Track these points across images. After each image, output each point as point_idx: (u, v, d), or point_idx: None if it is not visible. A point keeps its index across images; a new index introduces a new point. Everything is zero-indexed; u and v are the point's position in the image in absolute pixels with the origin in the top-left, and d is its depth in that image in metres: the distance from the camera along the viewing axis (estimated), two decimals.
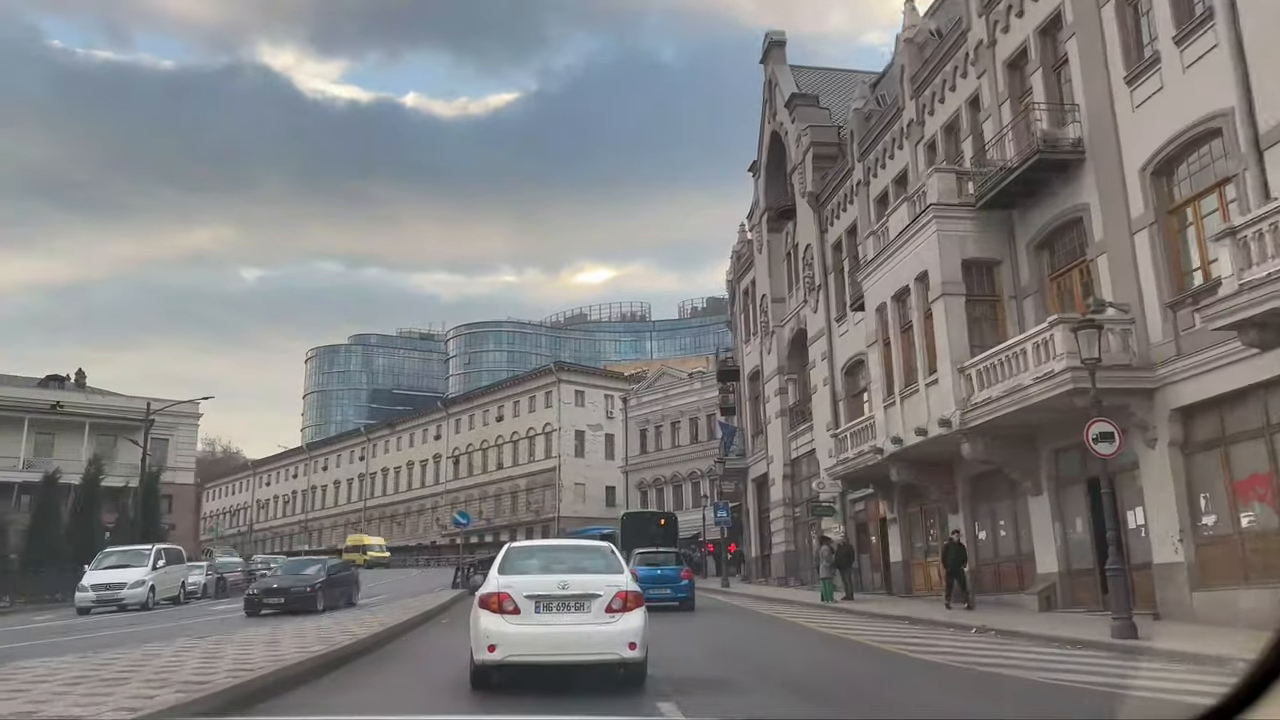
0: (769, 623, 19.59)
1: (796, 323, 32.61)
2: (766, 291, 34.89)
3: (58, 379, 66.48)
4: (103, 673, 8.93)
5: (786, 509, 33.05)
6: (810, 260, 30.50)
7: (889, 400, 21.61)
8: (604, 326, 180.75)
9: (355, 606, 22.74)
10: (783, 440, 33.29)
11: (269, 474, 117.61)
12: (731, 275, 43.38)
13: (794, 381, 33.50)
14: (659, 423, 70.13)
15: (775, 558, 33.69)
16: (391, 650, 12.95)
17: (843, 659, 13.21)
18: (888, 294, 21.52)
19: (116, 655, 10.78)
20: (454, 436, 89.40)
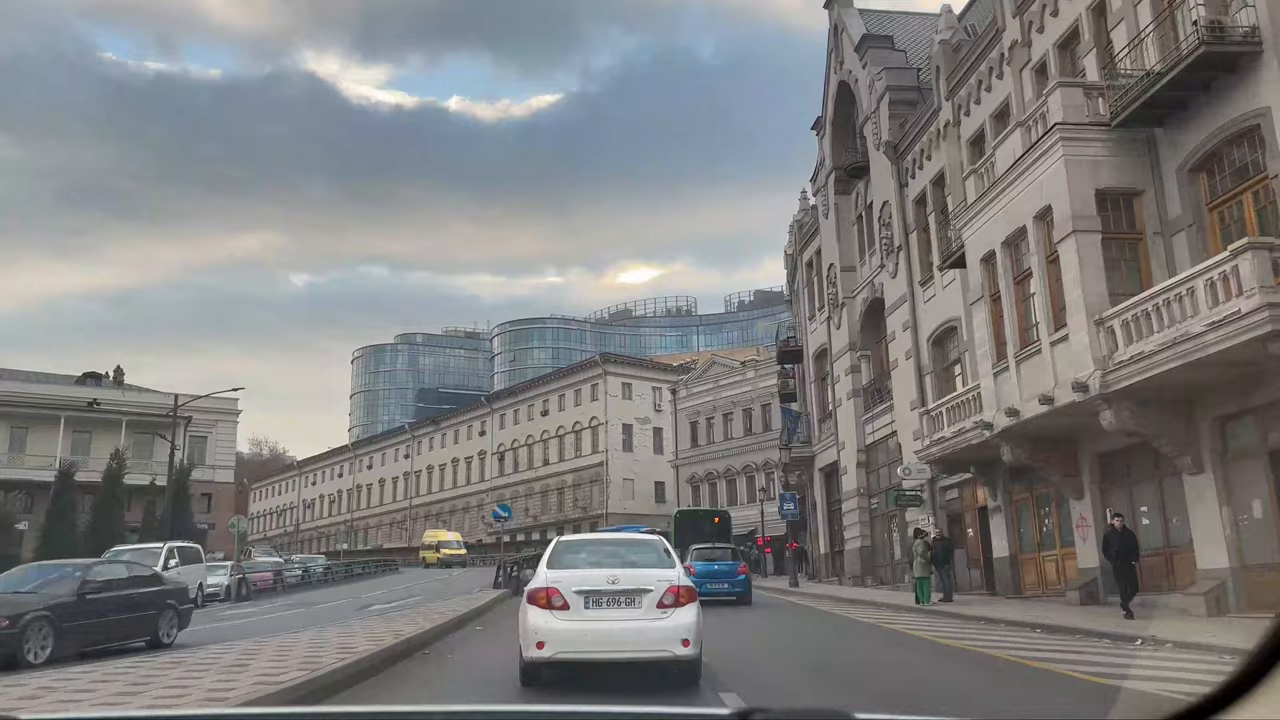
0: (865, 630, 16.38)
1: (871, 292, 29.25)
2: (834, 260, 31.57)
3: (95, 376, 65.18)
4: None
5: (861, 500, 29.72)
6: (888, 220, 27.16)
7: (999, 366, 18.25)
8: (649, 322, 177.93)
9: (168, 647, 13.49)
10: (856, 424, 29.97)
11: (314, 473, 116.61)
12: (791, 248, 40.05)
13: (867, 358, 30.15)
14: (710, 414, 66.92)
15: (848, 554, 30.37)
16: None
17: (971, 676, 10.04)
18: (997, 239, 18.17)
19: None
20: (498, 432, 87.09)
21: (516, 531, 79.91)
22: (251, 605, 26.06)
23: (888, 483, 28.41)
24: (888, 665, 11.48)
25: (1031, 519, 20.60)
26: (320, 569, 38.24)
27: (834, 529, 33.79)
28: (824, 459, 34.05)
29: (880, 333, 29.78)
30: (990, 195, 18.24)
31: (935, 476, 24.31)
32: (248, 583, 29.13)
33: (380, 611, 19.84)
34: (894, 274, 26.91)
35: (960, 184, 22.82)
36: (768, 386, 63.34)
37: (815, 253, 34.52)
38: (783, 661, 11.63)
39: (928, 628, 15.77)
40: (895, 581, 27.36)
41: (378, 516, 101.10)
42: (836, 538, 33.64)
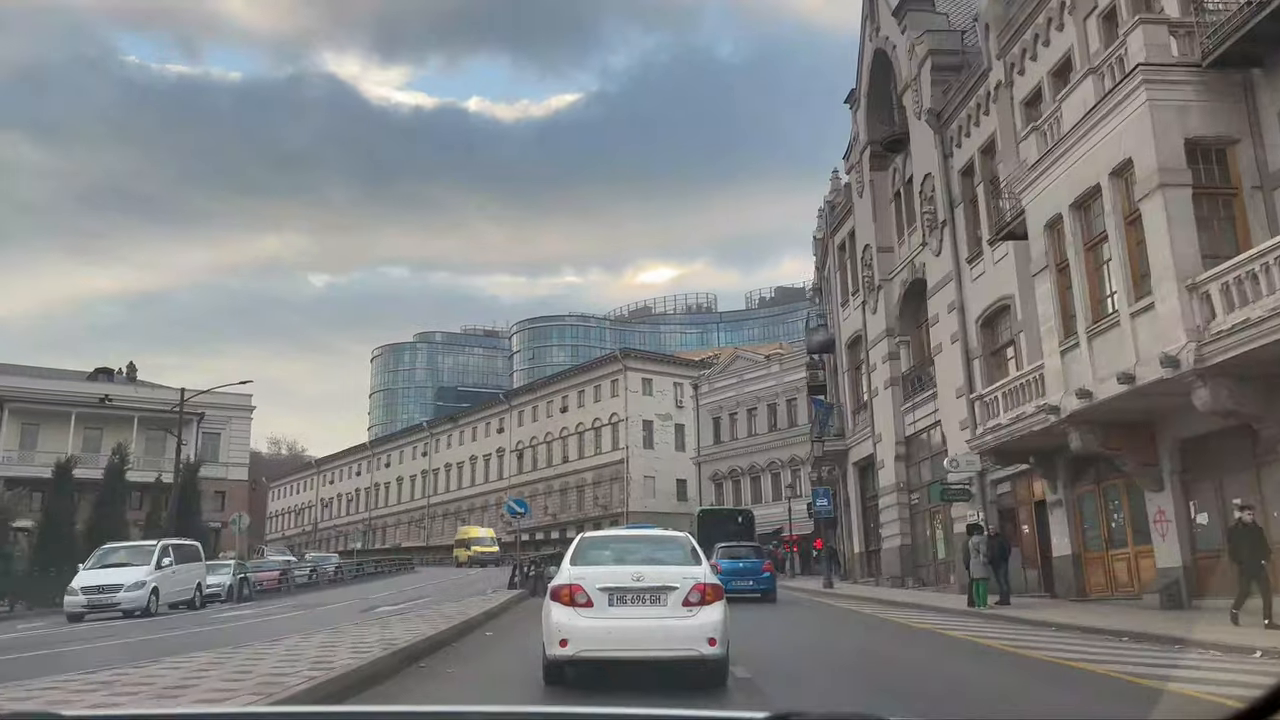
0: (927, 639, 14.55)
1: (910, 273, 27.37)
2: (870, 241, 29.69)
3: (106, 372, 64.10)
4: None
5: (900, 495, 27.84)
6: (930, 194, 25.27)
7: (1068, 343, 16.36)
8: (668, 319, 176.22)
9: None
10: (894, 414, 28.08)
11: (333, 472, 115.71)
12: (821, 230, 38.17)
13: (906, 344, 28.26)
14: (733, 410, 65.08)
15: (886, 553, 28.49)
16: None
17: (1092, 700, 8.23)
18: (1064, 202, 16.27)
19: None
20: (517, 429, 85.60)
21: (535, 530, 78.42)
22: (251, 607, 24.53)
23: (930, 476, 26.53)
24: (972, 681, 9.70)
25: (1098, 514, 18.68)
26: (331, 568, 36.68)
27: (869, 527, 31.90)
28: (858, 453, 32.17)
29: (920, 316, 27.89)
30: (1056, 153, 16.35)
31: (985, 469, 22.42)
32: (249, 583, 27.55)
33: (384, 614, 18.21)
34: (937, 252, 25.02)
35: (1014, 149, 20.96)
36: (793, 380, 61.41)
37: (848, 235, 32.63)
38: (847, 680, 9.85)
39: (996, 635, 13.92)
40: (939, 582, 25.48)
41: (395, 515, 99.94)
42: (872, 536, 31.75)
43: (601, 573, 8.38)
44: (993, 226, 22.17)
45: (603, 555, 9.07)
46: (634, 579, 8.26)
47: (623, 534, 12.78)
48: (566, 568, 8.67)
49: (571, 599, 8.11)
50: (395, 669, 9.06)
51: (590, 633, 7.97)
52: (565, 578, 8.39)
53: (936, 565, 26.04)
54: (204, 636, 14.26)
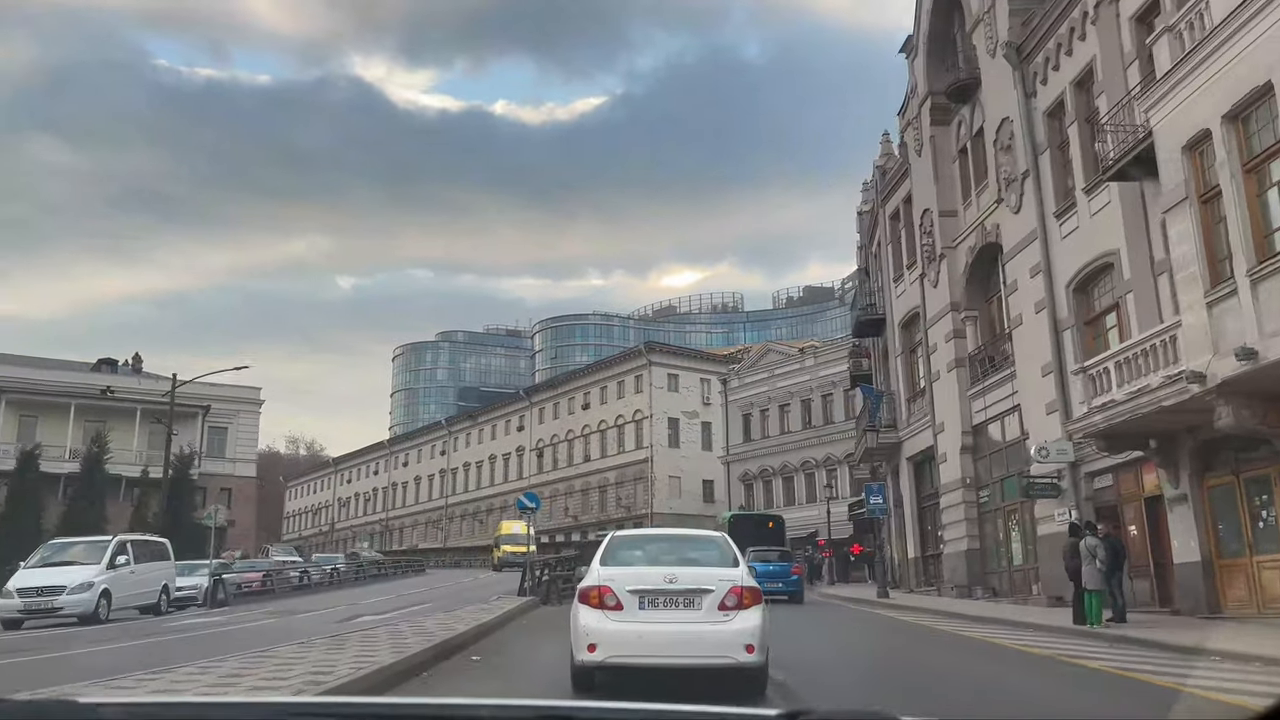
0: (1033, 665, 11.10)
1: (980, 237, 23.88)
2: (930, 205, 26.22)
3: (110, 363, 61.54)
4: None
5: (966, 492, 24.33)
6: (1007, 142, 21.80)
7: (1218, 291, 12.86)
8: (694, 318, 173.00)
9: None
10: (959, 401, 24.59)
11: (350, 471, 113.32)
12: (869, 202, 34.75)
13: (974, 320, 24.77)
14: (764, 406, 61.57)
15: (949, 559, 24.98)
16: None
17: None
18: (1214, 113, 12.79)
19: None
20: (537, 427, 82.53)
21: (556, 532, 75.37)
22: (224, 613, 21.45)
23: (1005, 470, 23.03)
24: None
25: (1237, 511, 15.11)
26: (327, 570, 33.59)
27: (925, 529, 28.39)
28: (913, 446, 28.65)
29: (991, 287, 24.41)
30: (1203, 53, 12.88)
31: (1079, 459, 18.92)
32: (226, 586, 24.41)
33: (364, 625, 15.02)
34: (1016, 208, 21.52)
35: (1120, 77, 17.49)
36: (829, 375, 57.84)
37: (903, 201, 29.15)
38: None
39: (1142, 665, 10.48)
40: (1015, 593, 21.95)
41: (412, 515, 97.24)
42: (929, 539, 28.24)
43: (632, 574, 8.02)
44: (1090, 172, 18.70)
45: (634, 555, 8.67)
46: (667, 581, 7.85)
47: (656, 533, 11.95)
48: (596, 568, 8.34)
49: (600, 601, 7.76)
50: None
51: (620, 637, 7.60)
52: (594, 579, 8.06)
53: (1011, 573, 22.51)
54: (93, 661, 11.08)
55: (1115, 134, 16.72)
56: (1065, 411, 19.34)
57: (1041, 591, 20.34)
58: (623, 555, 8.67)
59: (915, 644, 14.37)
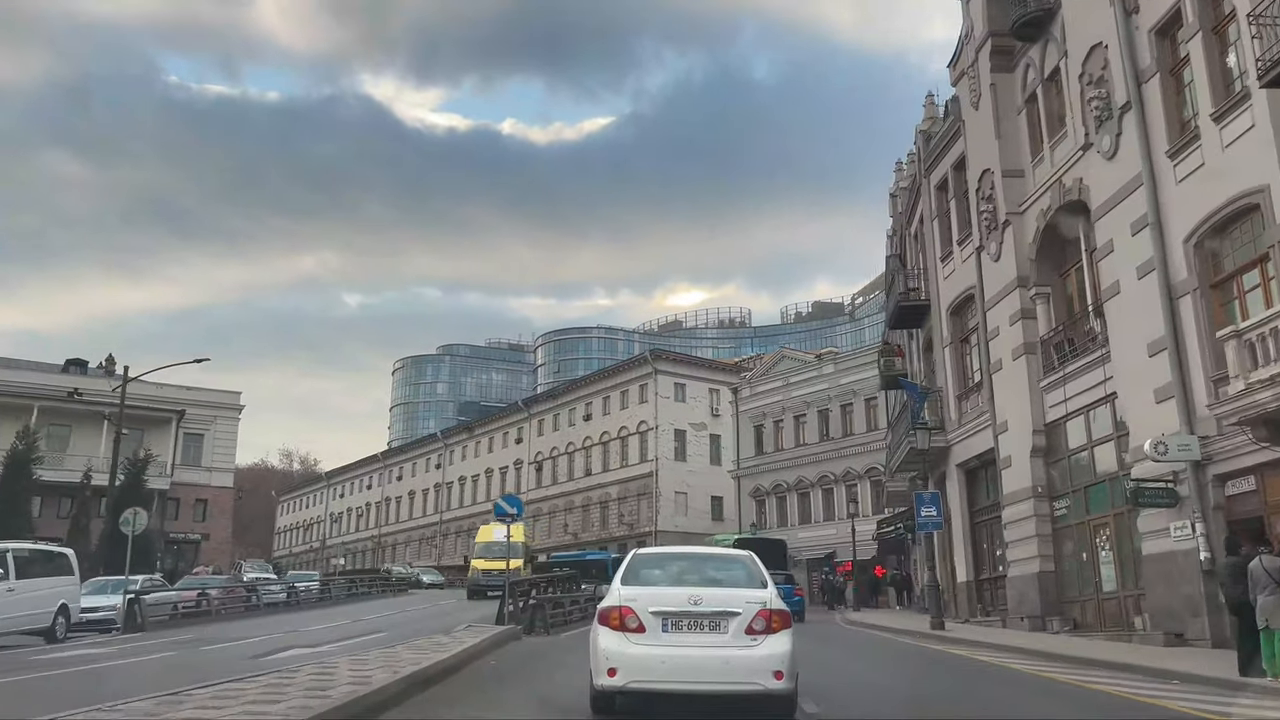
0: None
1: (1056, 196, 19.92)
2: (991, 165, 22.28)
3: (80, 364, 57.63)
4: None
5: (1038, 503, 20.24)
6: (1098, 75, 17.86)
7: None
8: (700, 333, 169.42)
9: None
10: (1029, 393, 20.56)
11: (343, 485, 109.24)
12: (907, 177, 30.90)
13: (1046, 297, 20.79)
14: (778, 417, 57.48)
15: (1015, 583, 20.83)
16: None
17: None
18: None
19: None
20: (536, 440, 78.46)
21: (554, 550, 71.12)
22: (132, 640, 17.38)
23: (1091, 474, 18.95)
24: None
25: None
26: (287, 590, 29.47)
27: (979, 548, 24.27)
28: (964, 450, 24.57)
29: (1069, 255, 20.43)
30: None
31: (1207, 457, 14.85)
32: (143, 607, 20.25)
33: (279, 663, 11.02)
34: (1110, 153, 17.56)
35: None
36: (849, 383, 53.74)
37: (952, 167, 25.21)
38: None
39: None
40: (1109, 626, 17.81)
41: (406, 532, 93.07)
42: (984, 560, 24.11)
43: (655, 594, 7.70)
44: (1220, 94, 14.77)
45: (657, 575, 8.32)
46: (691, 602, 7.50)
47: (679, 551, 11.09)
48: (617, 588, 7.96)
49: (621, 623, 7.47)
50: None
51: (642, 661, 7.29)
52: (615, 599, 7.72)
53: (1101, 601, 18.37)
54: None
55: (1273, 28, 12.79)
56: (1185, 398, 15.31)
57: (1149, 625, 16.23)
58: (645, 574, 8.27)
59: (1036, 704, 10.26)
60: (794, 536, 54.33)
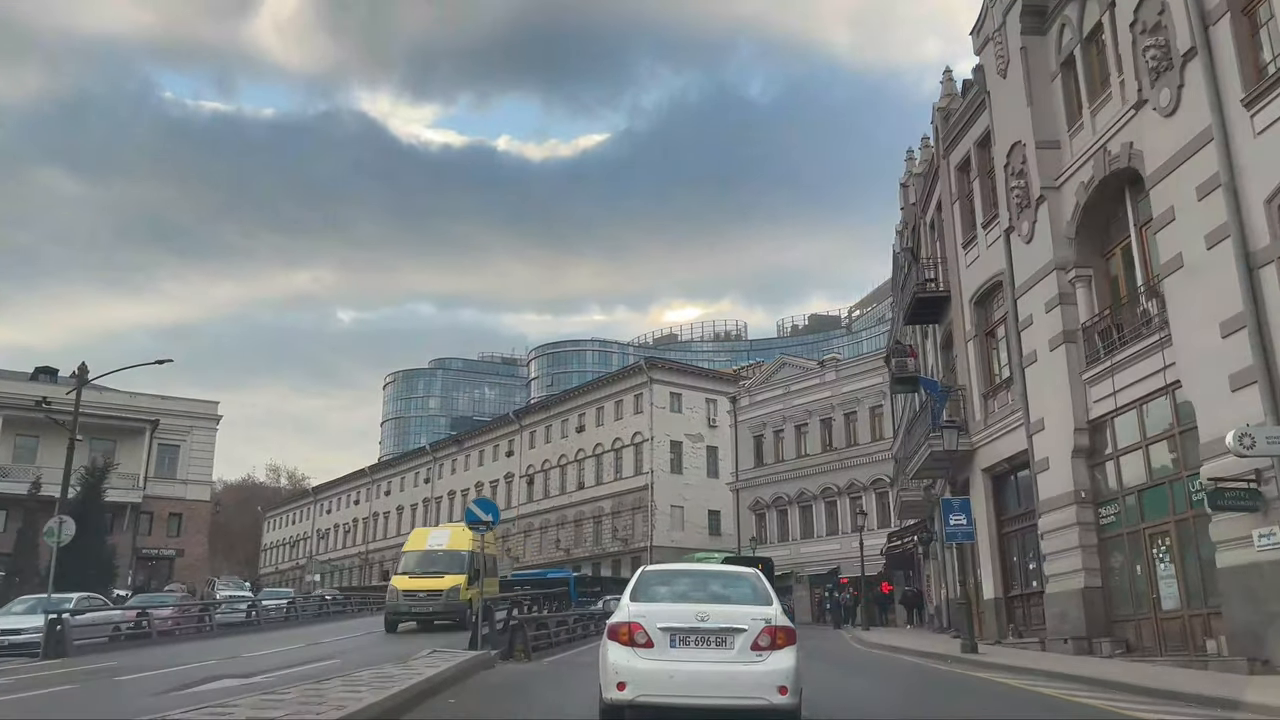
0: None
1: (1099, 165, 17.76)
2: (1022, 137, 20.14)
3: (50, 372, 55.20)
4: None
5: (1082, 510, 17.99)
6: (1156, 19, 15.73)
7: None
8: (696, 346, 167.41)
9: None
10: (1069, 387, 18.34)
11: (330, 501, 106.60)
12: (921, 163, 28.84)
13: (1088, 280, 18.61)
14: (779, 426, 55.25)
15: (1054, 600, 18.53)
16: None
17: None
18: None
19: None
20: (528, 452, 76.06)
21: (547, 568, 68.58)
22: (43, 668, 14.99)
23: (1145, 475, 16.70)
24: None
25: None
26: (253, 608, 27.00)
27: (1008, 561, 21.97)
28: (991, 454, 22.31)
29: (1114, 231, 18.29)
30: None
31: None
32: (67, 630, 17.78)
33: (183, 701, 8.71)
34: (1170, 108, 15.41)
35: None
36: (853, 391, 51.51)
37: (975, 144, 23.07)
38: None
39: None
40: (1172, 649, 15.53)
41: (393, 548, 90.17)
42: (1014, 575, 21.81)
43: (663, 610, 7.94)
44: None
45: (665, 591, 8.52)
46: (699, 619, 7.74)
47: (687, 568, 10.78)
48: (626, 604, 8.15)
49: (630, 638, 7.68)
50: None
51: (650, 676, 7.52)
52: (624, 615, 7.94)
53: (1160, 621, 16.08)
54: None
55: None
56: (1270, 383, 13.09)
57: (1225, 649, 13.95)
58: (654, 591, 8.46)
59: None
60: (796, 551, 51.98)
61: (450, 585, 22.31)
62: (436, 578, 22.66)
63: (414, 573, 23.76)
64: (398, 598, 23.14)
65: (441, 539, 24.27)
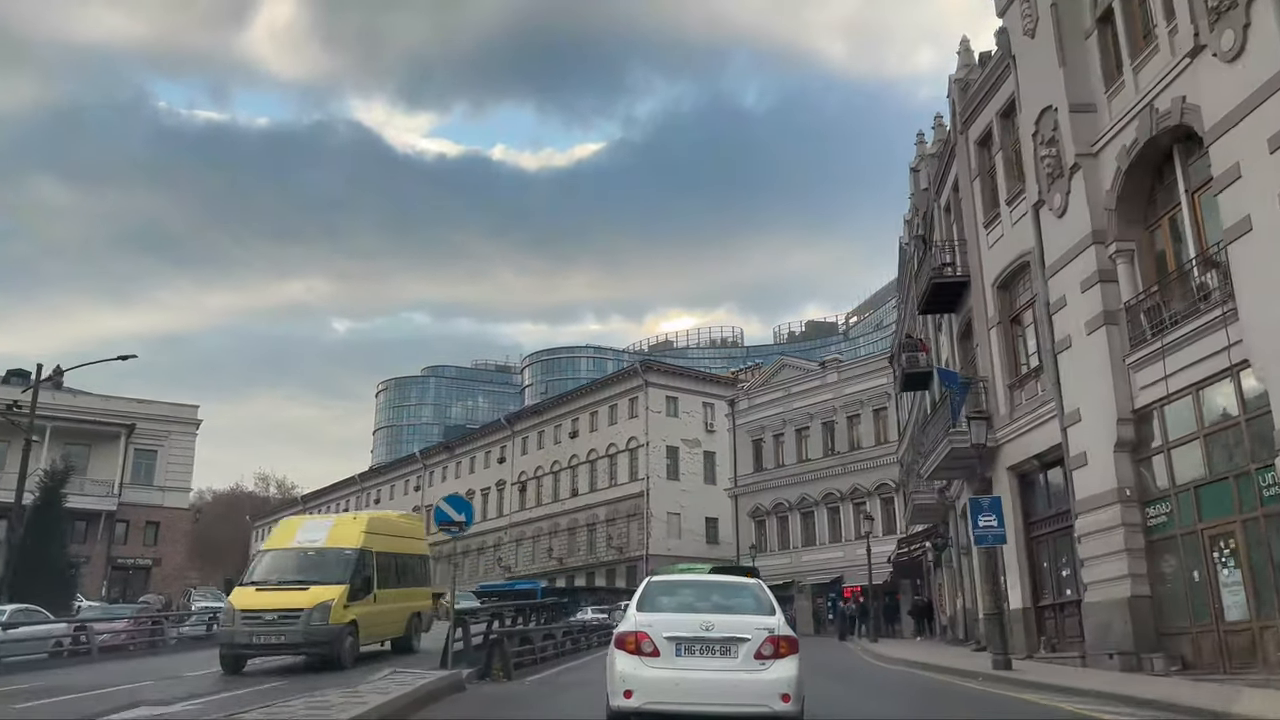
0: None
1: (1146, 124, 15.97)
2: (1054, 101, 18.35)
3: (22, 375, 53.06)
4: None
5: (1128, 510, 16.15)
6: None
7: None
8: (692, 353, 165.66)
9: None
10: (1112, 372, 16.52)
11: (319, 509, 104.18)
12: (936, 143, 27.07)
13: (1129, 254, 16.80)
14: (779, 430, 53.39)
15: (1097, 611, 16.64)
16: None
17: None
18: None
19: None
20: (520, 459, 74.07)
21: (540, 576, 66.60)
22: None
23: (1203, 470, 14.85)
24: None
25: None
26: (204, 622, 25.01)
27: (1038, 567, 20.10)
28: (1017, 450, 20.47)
29: (1161, 200, 16.50)
30: None
31: None
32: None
33: None
34: (1233, 52, 13.62)
35: None
36: (856, 393, 49.66)
37: (998, 114, 21.28)
38: None
39: None
40: (1238, 665, 13.67)
41: None
42: (1044, 583, 19.95)
43: (669, 620, 8.14)
44: None
45: (671, 602, 8.70)
46: (703, 628, 7.95)
47: (692, 579, 10.72)
48: (633, 614, 8.36)
49: (637, 647, 7.90)
50: None
51: (656, 684, 7.74)
52: (631, 624, 8.17)
53: (1223, 634, 14.20)
54: None
55: None
56: None
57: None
58: (660, 601, 8.61)
59: None
60: (797, 560, 50.08)
61: (316, 602, 15.35)
62: (297, 590, 15.71)
63: (265, 583, 16.55)
64: (234, 621, 15.45)
65: (318, 533, 17.50)
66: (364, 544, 17.28)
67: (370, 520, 18.93)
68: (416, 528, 21.09)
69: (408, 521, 21.95)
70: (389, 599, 17.86)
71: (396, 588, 18.59)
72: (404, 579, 19.28)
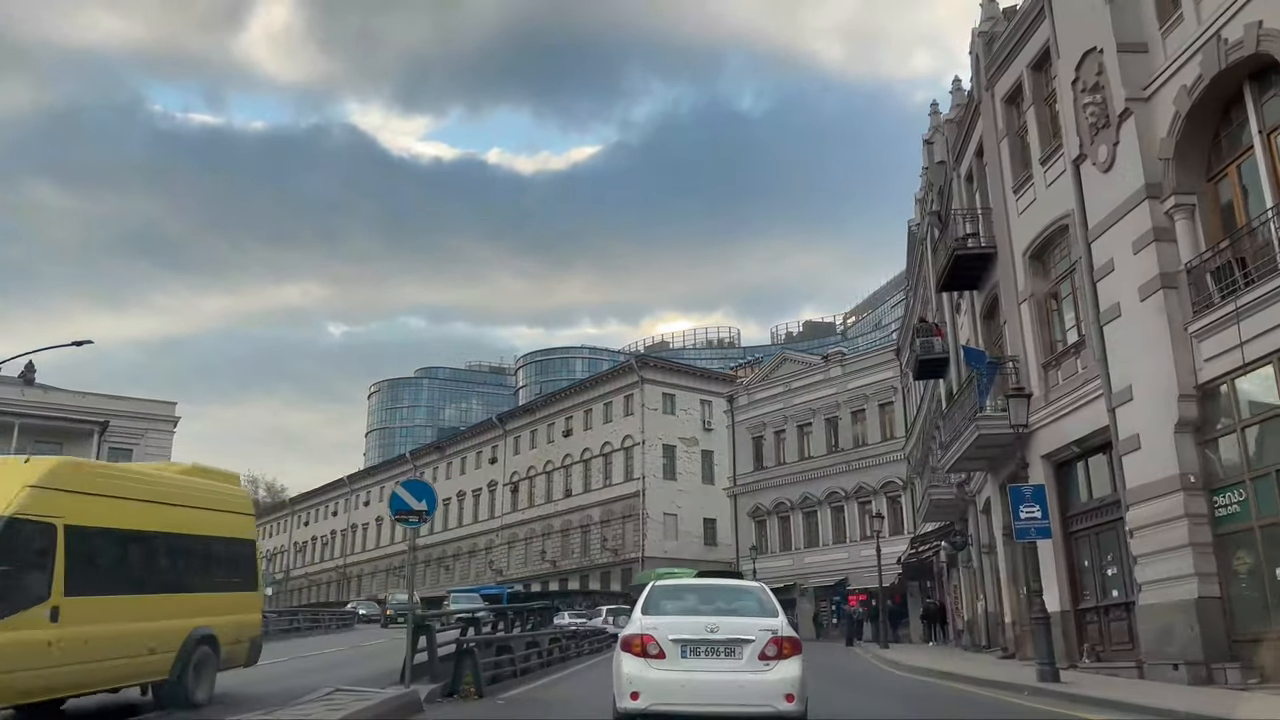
0: None
1: (1211, 60, 13.99)
2: (1098, 43, 16.38)
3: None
4: None
5: (1190, 499, 14.14)
6: None
7: None
8: (689, 354, 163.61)
9: None
10: (1170, 344, 14.52)
11: (308, 513, 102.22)
12: (954, 105, 25.18)
13: (1189, 210, 14.82)
14: (780, 426, 51.40)
15: (1154, 614, 14.60)
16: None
17: None
18: None
19: None
20: (512, 458, 72.06)
21: (531, 580, 64.67)
22: None
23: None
24: None
25: None
26: None
27: (1077, 566, 18.09)
28: (1052, 436, 18.46)
29: (1222, 150, 14.53)
30: None
31: None
32: None
33: None
34: None
35: None
36: (861, 387, 47.67)
37: (1029, 66, 19.30)
38: None
39: None
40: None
41: (372, 561, 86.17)
42: (1086, 583, 17.94)
43: (674, 623, 8.29)
44: None
45: (676, 605, 8.91)
46: (708, 630, 8.10)
47: (696, 583, 11.29)
48: (638, 617, 8.51)
49: (643, 650, 8.03)
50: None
51: (662, 685, 7.87)
52: (637, 628, 8.29)
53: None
54: None
55: None
56: None
57: None
58: (665, 604, 8.81)
59: None
60: (799, 562, 48.07)
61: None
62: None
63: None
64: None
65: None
66: (29, 508, 9.31)
67: (63, 469, 10.37)
68: (230, 495, 13.01)
69: (205, 481, 12.80)
70: (119, 614, 10.11)
71: (155, 592, 10.90)
72: (181, 577, 11.58)
